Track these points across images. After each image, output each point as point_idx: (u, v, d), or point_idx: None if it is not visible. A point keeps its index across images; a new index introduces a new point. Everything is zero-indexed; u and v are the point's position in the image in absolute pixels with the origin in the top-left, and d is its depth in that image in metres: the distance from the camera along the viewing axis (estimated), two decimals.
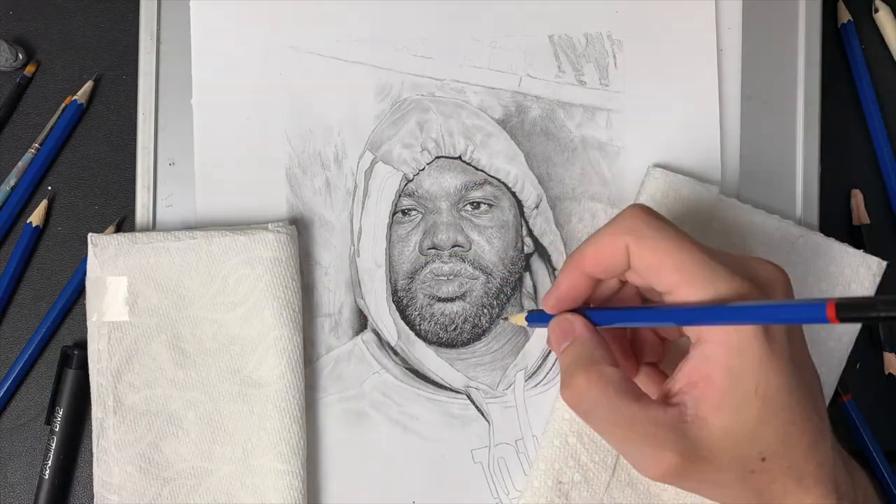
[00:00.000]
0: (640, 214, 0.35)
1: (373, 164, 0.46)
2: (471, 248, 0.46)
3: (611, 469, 0.43)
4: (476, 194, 0.46)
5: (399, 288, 0.46)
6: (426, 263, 0.46)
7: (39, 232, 0.50)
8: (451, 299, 0.46)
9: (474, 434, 0.46)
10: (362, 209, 0.46)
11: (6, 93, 0.51)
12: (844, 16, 0.52)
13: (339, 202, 0.46)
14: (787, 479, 0.33)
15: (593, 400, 0.34)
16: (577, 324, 0.36)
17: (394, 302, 0.46)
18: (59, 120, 0.50)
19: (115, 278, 0.44)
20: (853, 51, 0.51)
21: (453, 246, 0.46)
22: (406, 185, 0.46)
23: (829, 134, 0.48)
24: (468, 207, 0.46)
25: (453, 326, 0.46)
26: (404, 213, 0.46)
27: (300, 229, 0.46)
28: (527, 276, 0.46)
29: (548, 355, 0.46)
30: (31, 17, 0.52)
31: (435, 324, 0.46)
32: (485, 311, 0.46)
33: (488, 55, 0.46)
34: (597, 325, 0.36)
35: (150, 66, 0.46)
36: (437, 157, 0.46)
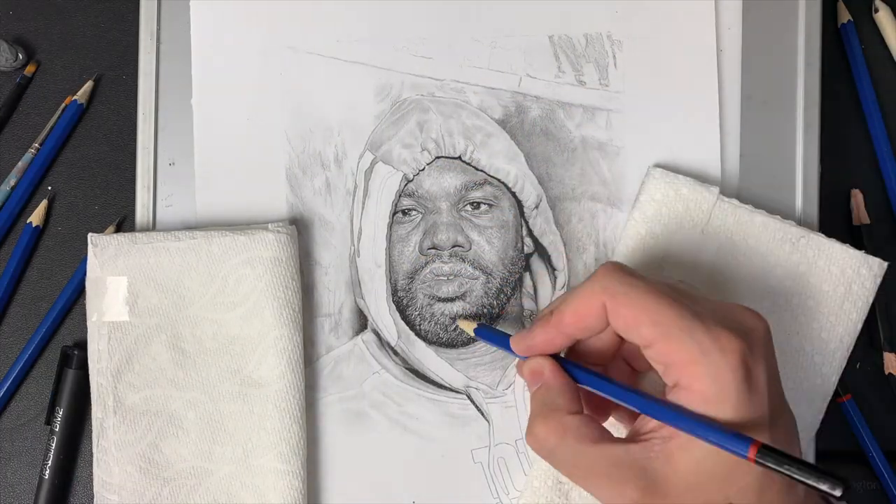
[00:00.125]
0: (613, 272, 0.35)
1: (373, 165, 0.46)
2: (471, 248, 0.46)
3: None
4: (476, 194, 0.46)
5: (399, 288, 0.46)
6: (426, 263, 0.46)
7: (39, 232, 0.50)
8: (451, 299, 0.46)
9: (474, 434, 0.46)
10: (362, 209, 0.46)
11: (6, 93, 0.51)
12: (844, 16, 0.52)
13: (339, 202, 0.46)
14: None
15: (552, 446, 0.35)
16: (546, 369, 0.37)
17: (394, 302, 0.46)
18: (59, 120, 0.50)
19: (115, 278, 0.44)
20: (853, 51, 0.51)
21: (453, 246, 0.46)
22: (406, 185, 0.46)
23: (829, 134, 0.48)
24: (468, 207, 0.46)
25: (453, 326, 0.46)
26: (404, 213, 0.46)
27: (300, 229, 0.46)
28: (527, 276, 0.46)
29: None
30: (31, 17, 0.52)
31: (435, 324, 0.46)
32: (485, 311, 0.46)
33: (488, 55, 0.46)
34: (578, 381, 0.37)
35: (150, 66, 0.46)
36: (437, 158, 0.46)
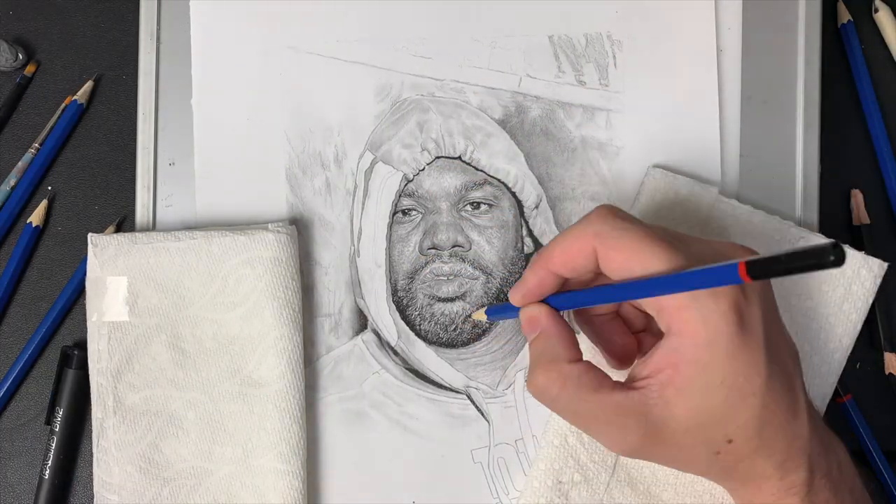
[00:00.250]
0: (605, 216, 0.35)
1: (373, 165, 0.46)
2: (471, 249, 0.46)
3: (610, 469, 0.43)
4: (476, 194, 0.46)
5: (399, 288, 0.46)
6: (426, 263, 0.46)
7: (39, 232, 0.50)
8: (451, 299, 0.46)
9: (474, 434, 0.46)
10: (362, 209, 0.46)
11: (6, 93, 0.51)
12: (844, 16, 0.52)
13: (339, 202, 0.46)
14: (755, 458, 0.34)
15: (554, 395, 0.35)
16: (543, 316, 0.37)
17: (394, 302, 0.46)
18: (59, 120, 0.50)
19: (115, 278, 0.44)
20: (853, 51, 0.51)
21: (453, 246, 0.46)
22: (406, 185, 0.46)
23: (829, 134, 0.48)
24: (468, 207, 0.46)
25: (453, 326, 0.46)
26: (404, 213, 0.46)
27: (300, 229, 0.46)
28: None
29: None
30: (31, 17, 0.52)
31: (435, 324, 0.46)
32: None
33: (488, 55, 0.46)
34: (559, 310, 0.37)
35: (150, 66, 0.46)
36: (437, 158, 0.46)
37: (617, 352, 0.39)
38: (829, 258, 0.25)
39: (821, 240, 0.45)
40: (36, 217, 0.50)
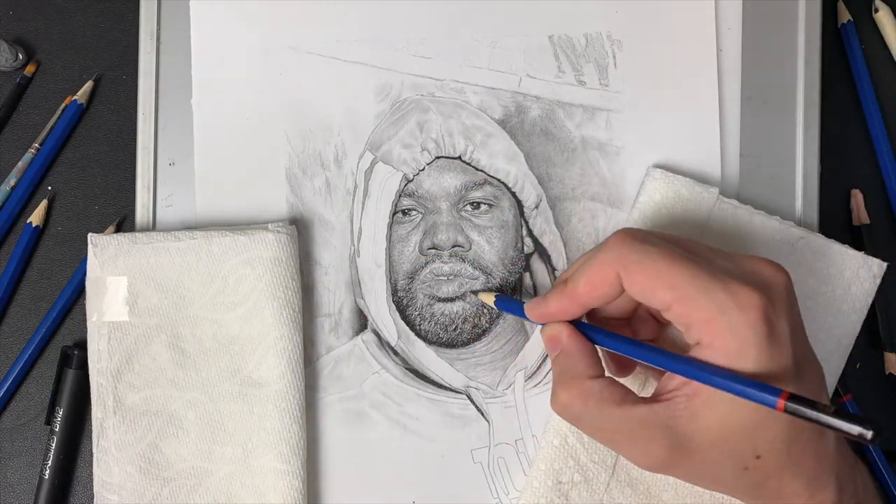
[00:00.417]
0: (624, 240, 0.35)
1: (373, 165, 0.46)
2: (471, 248, 0.46)
3: (610, 469, 0.43)
4: (476, 194, 0.46)
5: (399, 288, 0.46)
6: (426, 263, 0.46)
7: (39, 232, 0.50)
8: (451, 299, 0.46)
9: (474, 434, 0.46)
10: (362, 209, 0.46)
11: (6, 93, 0.51)
12: (844, 16, 0.52)
13: (339, 202, 0.46)
14: (783, 475, 0.33)
15: (577, 412, 0.36)
16: (564, 335, 0.37)
17: (394, 302, 0.46)
18: (59, 120, 0.50)
19: (115, 278, 0.44)
20: (853, 51, 0.51)
21: (453, 246, 0.46)
22: (406, 185, 0.46)
23: (829, 134, 0.48)
24: (468, 207, 0.46)
25: (453, 326, 0.46)
26: (404, 213, 0.46)
27: (300, 229, 0.46)
28: (527, 276, 0.46)
29: (548, 355, 0.46)
30: (31, 17, 0.52)
31: (435, 324, 0.46)
32: (485, 311, 0.46)
33: (488, 55, 0.46)
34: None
35: (150, 66, 0.46)
36: (437, 158, 0.46)
37: (620, 359, 0.39)
38: (867, 436, 0.28)
39: (820, 240, 0.45)
40: (36, 217, 0.50)
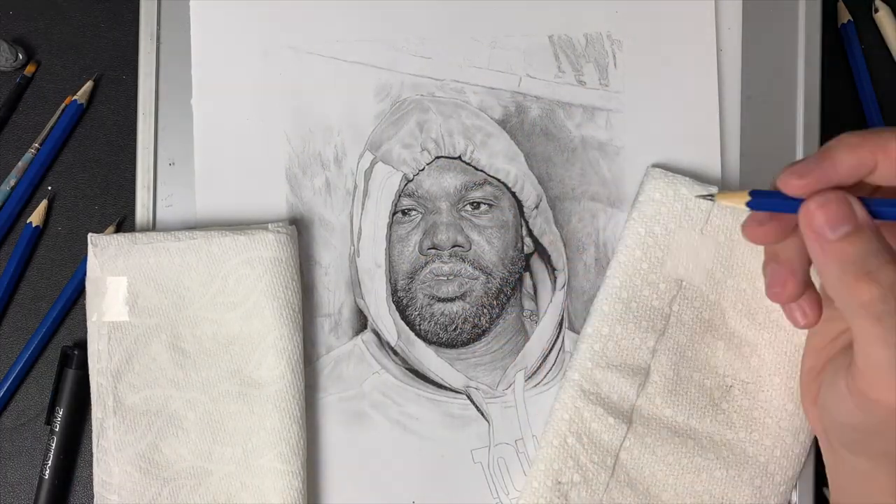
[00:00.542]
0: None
1: (373, 165, 0.46)
2: (471, 248, 0.46)
3: (610, 470, 0.43)
4: (476, 194, 0.46)
5: (399, 288, 0.46)
6: (426, 263, 0.46)
7: (39, 232, 0.50)
8: (451, 299, 0.46)
9: (474, 434, 0.46)
10: (362, 209, 0.46)
11: (6, 93, 0.51)
12: (844, 16, 0.52)
13: (339, 202, 0.46)
14: None
15: None
16: (859, 208, 0.29)
17: (394, 302, 0.46)
18: (59, 120, 0.50)
19: (115, 278, 0.44)
20: (853, 51, 0.51)
21: (453, 246, 0.46)
22: (406, 185, 0.46)
23: (829, 134, 0.48)
24: (468, 207, 0.46)
25: (453, 326, 0.46)
26: (404, 213, 0.46)
27: (300, 229, 0.46)
28: (527, 276, 0.46)
29: (547, 355, 0.46)
30: (31, 17, 0.52)
31: (435, 324, 0.46)
32: (485, 311, 0.46)
33: (488, 55, 0.46)
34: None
35: (150, 66, 0.46)
36: (437, 158, 0.46)
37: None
38: None
39: None
40: (36, 217, 0.50)
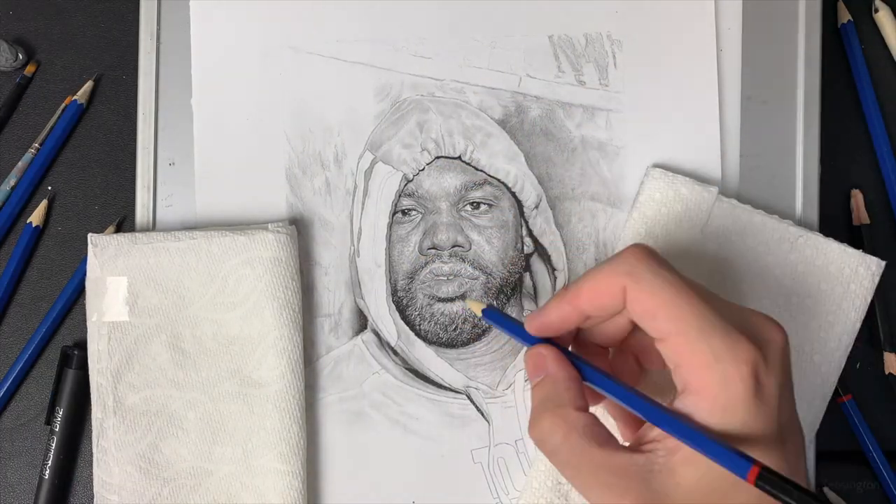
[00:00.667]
0: (640, 255, 0.33)
1: (373, 165, 0.46)
2: (471, 248, 0.46)
3: None
4: (476, 194, 0.46)
5: (399, 288, 0.46)
6: (426, 263, 0.46)
7: (39, 232, 0.50)
8: (451, 299, 0.46)
9: (474, 434, 0.46)
10: (362, 209, 0.46)
11: (6, 93, 0.51)
12: (844, 16, 0.52)
13: (339, 202, 0.46)
14: None
15: (557, 443, 0.33)
16: (550, 360, 0.35)
17: (394, 302, 0.46)
18: (59, 120, 0.50)
19: (115, 278, 0.44)
20: (853, 51, 0.51)
21: (453, 246, 0.46)
22: (406, 185, 0.46)
23: (829, 134, 0.48)
24: (468, 207, 0.46)
25: (453, 326, 0.46)
26: (404, 213, 0.46)
27: (300, 229, 0.46)
28: (527, 276, 0.46)
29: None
30: (31, 17, 0.52)
31: (435, 324, 0.46)
32: None
33: (488, 55, 0.46)
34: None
35: (150, 66, 0.46)
36: (437, 158, 0.46)
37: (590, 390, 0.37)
38: None
39: (819, 238, 0.45)
40: (36, 217, 0.50)
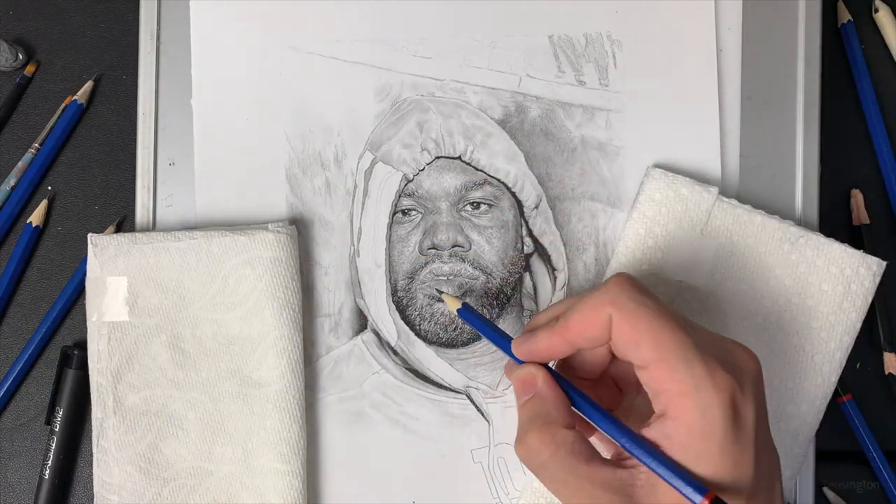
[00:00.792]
0: (625, 286, 0.34)
1: (373, 165, 0.46)
2: (471, 249, 0.46)
3: None
4: (476, 194, 0.46)
5: (399, 288, 0.46)
6: (426, 263, 0.46)
7: (39, 232, 0.50)
8: None
9: (474, 434, 0.46)
10: (362, 209, 0.46)
11: (6, 93, 0.51)
12: (844, 16, 0.52)
13: (339, 202, 0.46)
14: None
15: (544, 459, 0.34)
16: (539, 379, 0.36)
17: (394, 302, 0.46)
18: (59, 120, 0.50)
19: (115, 278, 0.44)
20: (853, 51, 0.52)
21: (453, 246, 0.46)
22: (406, 185, 0.46)
23: (829, 134, 0.48)
24: (468, 207, 0.46)
25: (453, 326, 0.46)
26: (404, 213, 0.46)
27: (300, 229, 0.46)
28: (527, 276, 0.46)
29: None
30: (31, 17, 0.52)
31: (435, 324, 0.46)
32: (485, 311, 0.46)
33: (488, 55, 0.46)
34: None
35: (150, 66, 0.46)
36: (437, 158, 0.46)
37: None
38: None
39: (819, 238, 0.45)
40: (36, 217, 0.50)
